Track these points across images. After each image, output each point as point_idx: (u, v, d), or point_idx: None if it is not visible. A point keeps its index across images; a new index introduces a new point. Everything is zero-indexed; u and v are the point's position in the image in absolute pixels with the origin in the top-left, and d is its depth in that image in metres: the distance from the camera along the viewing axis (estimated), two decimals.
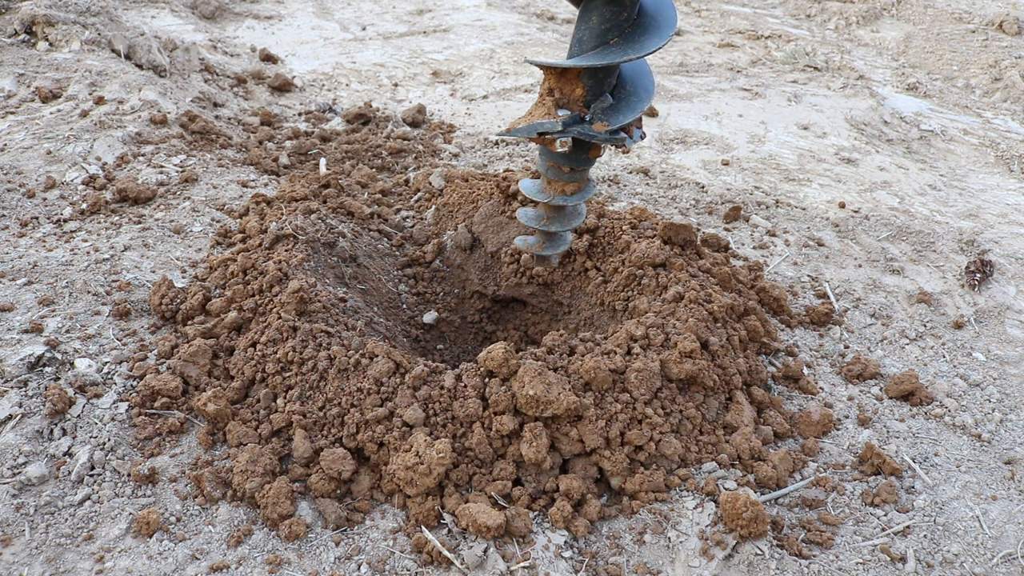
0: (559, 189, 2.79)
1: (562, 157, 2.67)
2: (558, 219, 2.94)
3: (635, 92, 2.56)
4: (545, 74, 2.49)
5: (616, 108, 2.50)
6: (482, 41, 6.91)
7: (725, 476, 2.37)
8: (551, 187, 2.81)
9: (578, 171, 2.75)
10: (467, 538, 2.16)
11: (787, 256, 3.77)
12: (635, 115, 2.51)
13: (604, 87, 2.48)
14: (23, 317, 2.76)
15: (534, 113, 2.45)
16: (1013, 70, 6.51)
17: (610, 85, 2.51)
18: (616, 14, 2.35)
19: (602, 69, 2.42)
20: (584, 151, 2.65)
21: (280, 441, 2.41)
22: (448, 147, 4.81)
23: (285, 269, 2.84)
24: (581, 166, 2.73)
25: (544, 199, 2.82)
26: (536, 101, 2.50)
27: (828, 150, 5.06)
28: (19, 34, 5.11)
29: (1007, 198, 4.67)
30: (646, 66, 2.65)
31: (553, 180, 2.78)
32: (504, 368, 2.37)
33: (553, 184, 2.79)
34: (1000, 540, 2.33)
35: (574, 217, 2.97)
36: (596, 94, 2.47)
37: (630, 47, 2.35)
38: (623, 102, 2.53)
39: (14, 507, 2.14)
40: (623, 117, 2.49)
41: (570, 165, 2.71)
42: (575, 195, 2.81)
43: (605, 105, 2.47)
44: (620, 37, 2.37)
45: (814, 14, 8.03)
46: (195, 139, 4.34)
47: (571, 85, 2.44)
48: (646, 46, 2.34)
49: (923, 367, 3.09)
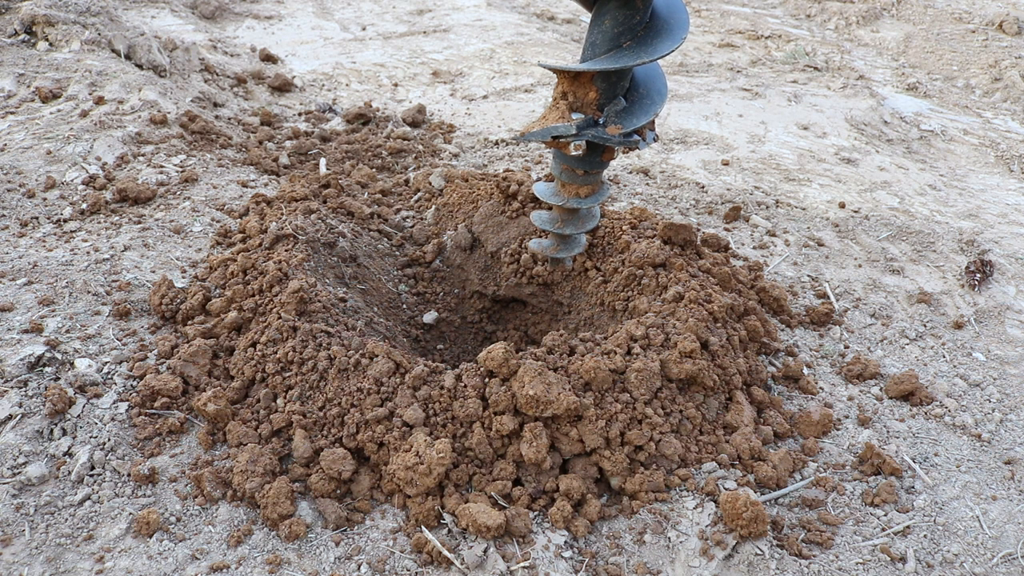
0: (573, 192, 2.81)
1: (576, 160, 2.68)
2: (572, 222, 2.96)
3: (648, 95, 2.57)
4: (558, 78, 2.49)
5: (629, 111, 2.51)
6: (482, 41, 6.91)
7: (725, 476, 2.37)
8: (565, 190, 2.82)
9: (592, 174, 2.76)
10: (467, 538, 2.16)
11: (787, 256, 3.77)
12: (648, 118, 2.52)
13: (617, 90, 2.49)
14: (23, 317, 2.76)
15: (548, 117, 2.46)
16: (1013, 70, 6.51)
17: (623, 88, 2.52)
18: (629, 17, 2.35)
19: (615, 72, 2.42)
20: (598, 154, 2.66)
21: (280, 441, 2.41)
22: (448, 147, 4.81)
23: (285, 269, 2.84)
24: (595, 169, 2.74)
25: (559, 202, 2.83)
26: (550, 105, 2.51)
27: (828, 150, 5.06)
28: (19, 34, 5.11)
29: (1007, 198, 4.66)
30: (658, 68, 2.66)
31: (567, 183, 2.79)
32: (504, 368, 2.37)
33: (567, 187, 2.81)
34: (1000, 540, 2.33)
35: (588, 220, 2.98)
36: (609, 97, 2.48)
37: (643, 50, 2.35)
38: (636, 105, 2.54)
39: (14, 507, 2.14)
40: (637, 120, 2.50)
41: (584, 168, 2.72)
42: (589, 198, 2.82)
43: (619, 108, 2.48)
44: (633, 40, 2.38)
45: (814, 14, 8.03)
46: (195, 139, 4.34)
47: (584, 89, 2.45)
48: (659, 49, 2.35)
49: (923, 367, 3.09)
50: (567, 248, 3.08)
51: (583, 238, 3.10)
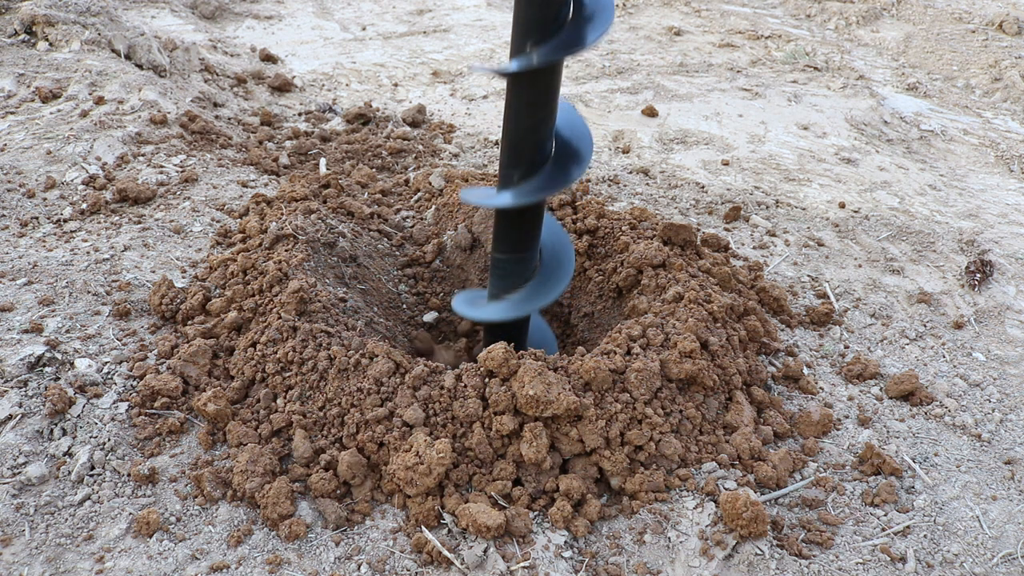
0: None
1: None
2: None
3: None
4: None
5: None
6: (482, 41, 6.91)
7: (725, 476, 2.37)
8: None
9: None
10: (467, 538, 2.16)
11: (787, 256, 3.77)
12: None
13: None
14: (23, 317, 2.76)
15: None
16: (1013, 70, 6.51)
17: None
18: None
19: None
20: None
21: (280, 441, 2.41)
22: (448, 147, 4.81)
23: (285, 269, 2.84)
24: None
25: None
26: None
27: (828, 150, 5.06)
28: (19, 34, 5.11)
29: (1007, 198, 4.66)
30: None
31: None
32: (504, 368, 2.37)
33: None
34: (1000, 540, 2.33)
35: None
36: None
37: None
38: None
39: (14, 507, 2.14)
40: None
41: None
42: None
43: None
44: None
45: (814, 14, 8.03)
46: (195, 139, 4.33)
47: None
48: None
49: (923, 367, 3.09)
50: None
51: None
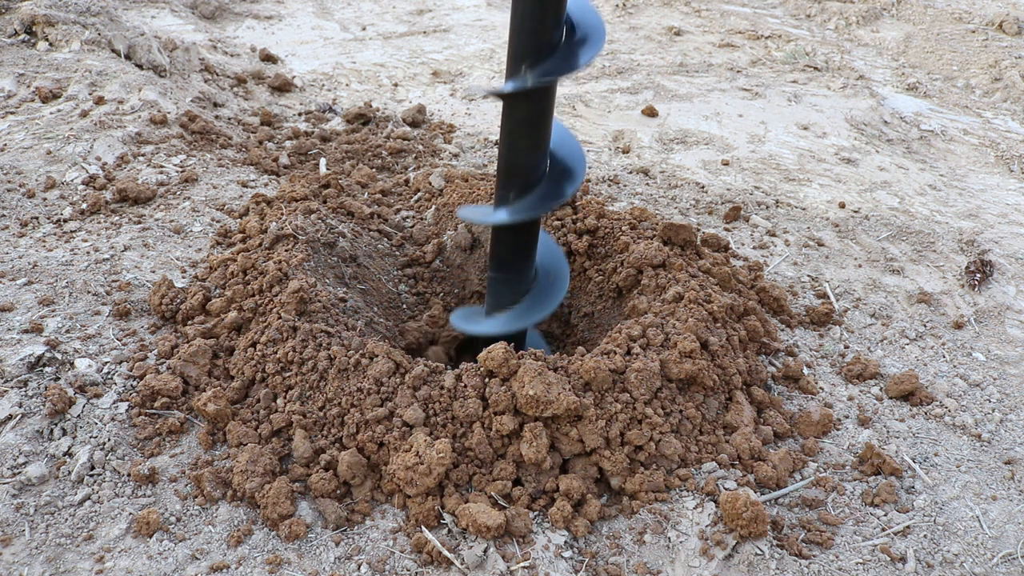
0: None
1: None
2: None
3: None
4: None
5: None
6: (482, 41, 6.91)
7: (725, 476, 2.37)
8: None
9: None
10: (467, 538, 2.16)
11: (787, 256, 3.77)
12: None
13: None
14: (23, 317, 2.76)
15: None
16: (1013, 70, 6.51)
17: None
18: None
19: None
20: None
21: (280, 441, 2.41)
22: (448, 147, 4.81)
23: (285, 269, 2.84)
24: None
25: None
26: None
27: (828, 150, 5.06)
28: (19, 34, 5.11)
29: (1007, 198, 4.66)
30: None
31: None
32: (504, 368, 2.37)
33: None
34: (1000, 540, 2.33)
35: None
36: None
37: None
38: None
39: (14, 507, 2.14)
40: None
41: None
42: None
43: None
44: None
45: (814, 14, 8.03)
46: (195, 139, 4.33)
47: None
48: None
49: (923, 367, 3.09)
50: None
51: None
